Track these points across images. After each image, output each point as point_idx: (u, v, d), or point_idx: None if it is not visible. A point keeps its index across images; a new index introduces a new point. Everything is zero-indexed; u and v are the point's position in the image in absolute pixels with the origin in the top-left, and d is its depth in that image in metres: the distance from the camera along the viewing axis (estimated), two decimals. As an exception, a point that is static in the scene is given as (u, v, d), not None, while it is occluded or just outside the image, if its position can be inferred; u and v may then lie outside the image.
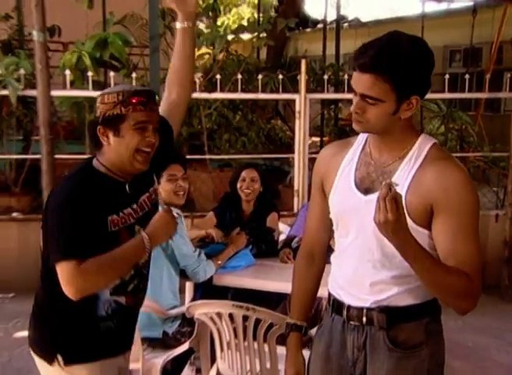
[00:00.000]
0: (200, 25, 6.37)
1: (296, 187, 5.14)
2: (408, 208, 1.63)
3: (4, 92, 4.85)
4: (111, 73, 4.90)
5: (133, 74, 4.92)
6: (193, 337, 3.05)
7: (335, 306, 1.87)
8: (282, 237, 3.95)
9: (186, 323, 3.08)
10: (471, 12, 6.04)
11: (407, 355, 1.75)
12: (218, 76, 5.03)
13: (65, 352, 1.95)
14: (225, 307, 2.70)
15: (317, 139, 7.86)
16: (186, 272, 3.14)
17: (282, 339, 2.22)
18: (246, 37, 7.14)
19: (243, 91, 5.41)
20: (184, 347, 3.09)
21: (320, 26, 11.92)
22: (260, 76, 5.13)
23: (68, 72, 4.88)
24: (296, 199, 5.15)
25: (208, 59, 6.25)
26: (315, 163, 1.96)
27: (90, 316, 1.95)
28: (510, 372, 3.97)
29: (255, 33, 6.18)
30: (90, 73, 4.88)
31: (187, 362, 3.23)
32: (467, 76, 5.17)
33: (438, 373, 1.81)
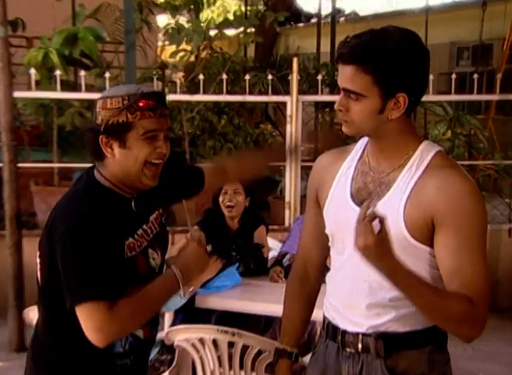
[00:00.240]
0: (181, 19, 6.39)
1: (287, 199, 5.17)
2: (407, 222, 1.65)
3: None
4: (81, 72, 4.92)
5: (107, 74, 4.94)
6: (173, 366, 3.05)
7: (329, 331, 1.88)
8: (272, 254, 3.97)
9: (166, 350, 3.08)
10: (481, 5, 6.11)
11: None
12: (201, 77, 5.06)
13: None
14: (209, 332, 2.70)
15: (310, 145, 7.89)
16: None
17: (271, 368, 2.23)
18: (231, 32, 7.19)
19: (229, 92, 5.44)
20: (163, 377, 3.09)
21: (314, 20, 12.02)
22: (247, 77, 5.17)
23: (33, 71, 4.89)
24: (287, 212, 5.18)
25: (188, 56, 6.25)
26: (310, 173, 1.98)
27: (107, 354, 1.86)
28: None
29: (242, 29, 6.22)
30: (58, 71, 4.89)
31: (167, 394, 3.23)
32: (476, 75, 5.23)
33: None
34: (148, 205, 1.96)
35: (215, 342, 2.68)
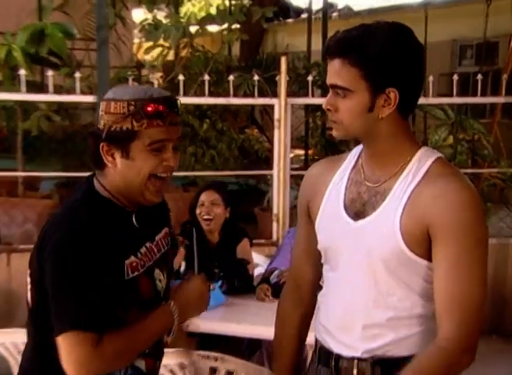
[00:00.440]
0: (159, 14, 6.41)
1: (275, 211, 5.16)
2: (404, 234, 1.66)
3: None
4: (49, 71, 4.90)
5: (77, 73, 4.93)
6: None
7: (321, 355, 1.88)
8: (258, 271, 3.96)
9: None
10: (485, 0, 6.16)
11: None
12: (180, 77, 5.06)
13: None
14: (189, 357, 2.69)
15: (300, 152, 7.93)
16: None
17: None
18: (214, 29, 7.22)
19: (212, 94, 5.44)
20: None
21: (304, 16, 12.11)
22: (231, 77, 5.18)
23: (-6, 70, 4.89)
24: (275, 225, 5.17)
25: (166, 52, 6.24)
26: (301, 184, 1.98)
27: None
28: None
29: (226, 25, 6.24)
30: (22, 71, 4.87)
31: None
32: (480, 76, 5.26)
33: None
34: (151, 220, 1.90)
35: (196, 367, 2.67)
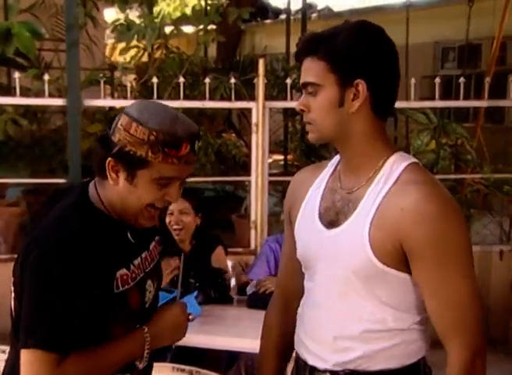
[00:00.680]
0: (132, 14, 6.40)
1: (253, 218, 5.16)
2: (374, 246, 1.65)
3: None
4: (16, 73, 4.87)
5: (46, 75, 4.91)
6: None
7: (299, 367, 1.88)
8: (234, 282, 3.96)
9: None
10: (467, 1, 6.21)
11: None
12: (154, 80, 5.06)
13: None
14: (163, 371, 2.68)
15: (279, 157, 7.94)
16: None
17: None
18: (190, 29, 7.22)
19: (187, 97, 5.44)
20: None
21: (283, 16, 12.13)
22: (207, 80, 5.18)
23: (-41, 72, 4.85)
24: (253, 233, 5.16)
25: (141, 53, 6.24)
26: (287, 192, 1.99)
27: None
28: None
29: (201, 26, 6.24)
30: (-12, 73, 4.85)
31: None
32: (462, 79, 5.30)
33: None
34: (145, 230, 1.87)
35: (170, 382, 2.66)
